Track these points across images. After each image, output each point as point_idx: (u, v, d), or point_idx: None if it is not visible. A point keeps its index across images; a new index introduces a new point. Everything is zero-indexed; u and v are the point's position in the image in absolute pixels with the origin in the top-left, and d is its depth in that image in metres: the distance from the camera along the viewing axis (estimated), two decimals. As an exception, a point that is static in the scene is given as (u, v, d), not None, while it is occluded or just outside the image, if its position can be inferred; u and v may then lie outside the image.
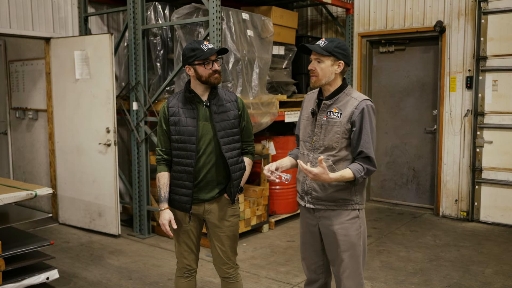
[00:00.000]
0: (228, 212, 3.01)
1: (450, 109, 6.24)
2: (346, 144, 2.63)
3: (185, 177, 2.91)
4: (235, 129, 2.98)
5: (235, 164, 2.97)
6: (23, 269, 3.96)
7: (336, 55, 2.60)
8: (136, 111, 5.47)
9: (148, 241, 5.41)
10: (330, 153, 2.64)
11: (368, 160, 2.59)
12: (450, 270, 4.50)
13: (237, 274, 3.14)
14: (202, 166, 2.91)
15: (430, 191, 6.72)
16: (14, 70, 6.62)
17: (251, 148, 3.11)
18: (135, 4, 5.29)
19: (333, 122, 2.63)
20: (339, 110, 2.63)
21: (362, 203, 2.74)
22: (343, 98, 2.65)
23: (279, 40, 5.84)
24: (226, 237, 3.02)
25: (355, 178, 2.55)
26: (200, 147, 2.90)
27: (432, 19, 6.27)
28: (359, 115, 2.58)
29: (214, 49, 2.86)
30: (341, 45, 2.64)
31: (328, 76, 2.63)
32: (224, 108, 2.95)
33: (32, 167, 6.55)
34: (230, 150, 2.94)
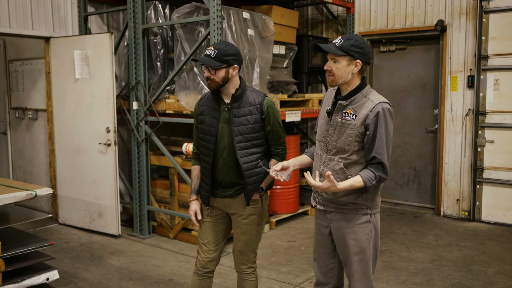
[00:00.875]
0: (247, 209, 3.00)
1: (451, 109, 6.21)
2: (359, 148, 2.54)
3: (205, 173, 3.01)
4: (254, 134, 2.94)
5: (252, 169, 2.94)
6: (23, 270, 3.94)
7: (352, 54, 2.50)
8: (136, 110, 5.45)
9: (148, 241, 5.39)
10: (342, 156, 2.57)
11: (381, 167, 2.50)
12: (452, 270, 4.48)
13: (251, 273, 3.12)
14: (221, 168, 2.96)
15: (431, 190, 6.70)
16: (14, 69, 6.60)
17: (280, 151, 3.04)
18: (135, 3, 5.27)
19: (347, 124, 2.55)
20: (354, 112, 2.54)
21: (375, 208, 2.65)
22: (359, 99, 2.56)
23: (280, 40, 5.82)
24: (242, 233, 3.03)
25: (366, 186, 2.48)
26: (219, 149, 2.95)
27: (433, 18, 6.25)
28: (373, 118, 2.48)
29: (203, 57, 2.85)
30: (359, 43, 2.52)
31: (345, 76, 2.54)
32: (246, 111, 2.92)
33: (32, 167, 6.52)
34: (247, 155, 2.93)
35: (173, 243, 5.32)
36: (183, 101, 5.02)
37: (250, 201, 2.98)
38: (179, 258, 4.85)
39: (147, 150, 5.51)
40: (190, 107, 4.94)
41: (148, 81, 5.45)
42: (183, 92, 5.09)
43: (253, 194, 2.96)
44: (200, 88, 4.97)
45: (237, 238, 3.06)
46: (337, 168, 2.56)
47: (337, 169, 2.56)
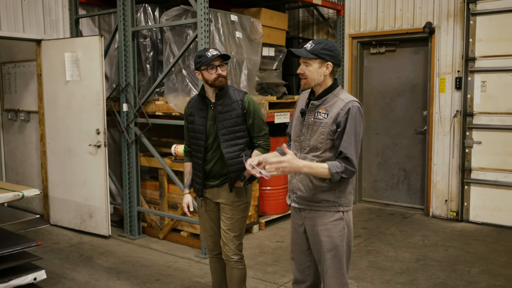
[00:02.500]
0: (231, 197, 3.31)
1: (440, 110, 6.27)
2: (331, 146, 2.63)
3: (197, 168, 3.36)
4: (237, 127, 3.27)
5: (234, 158, 3.25)
6: (10, 270, 3.98)
7: (323, 57, 2.61)
8: (126, 112, 5.51)
9: (138, 242, 5.44)
10: (315, 154, 2.66)
11: (347, 160, 2.58)
12: (436, 270, 4.53)
13: (238, 261, 3.37)
14: (210, 160, 3.31)
15: (420, 191, 6.76)
16: (7, 72, 6.65)
17: (261, 142, 3.33)
18: (125, 6, 5.32)
19: (319, 122, 2.65)
20: (326, 111, 2.64)
21: (348, 205, 2.73)
22: (331, 99, 2.66)
23: (269, 42, 5.87)
24: (227, 219, 3.33)
25: (331, 173, 2.55)
26: (208, 144, 3.31)
27: (422, 21, 6.31)
28: (344, 116, 2.58)
29: (215, 55, 3.14)
30: (328, 47, 2.63)
31: (317, 78, 2.64)
32: (229, 108, 3.26)
33: (24, 168, 6.57)
34: (230, 146, 3.25)
35: (162, 244, 5.37)
36: (172, 102, 5.07)
37: (234, 189, 3.27)
38: (168, 258, 4.90)
39: (137, 151, 5.56)
40: (178, 108, 5.00)
41: (138, 83, 5.51)
42: (172, 94, 5.14)
43: (235, 181, 3.24)
44: (188, 90, 5.02)
45: (223, 224, 3.35)
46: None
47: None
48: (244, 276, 3.43)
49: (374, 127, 7.11)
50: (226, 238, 3.34)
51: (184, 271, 4.53)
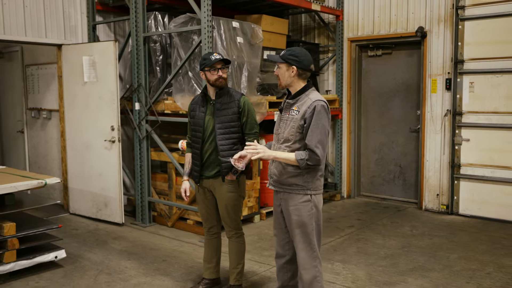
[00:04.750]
0: (224, 188, 3.76)
1: (432, 109, 6.66)
2: (300, 138, 3.12)
3: (195, 157, 3.82)
4: (233, 122, 3.72)
5: (227, 150, 3.69)
6: (34, 249, 4.53)
7: (288, 61, 3.11)
8: (138, 110, 6.02)
9: (148, 229, 5.95)
10: (287, 144, 3.17)
11: (310, 151, 3.05)
12: (418, 255, 4.95)
13: (239, 237, 3.90)
14: (206, 150, 3.76)
15: (415, 186, 7.15)
16: (30, 73, 7.23)
17: (252, 139, 3.77)
18: (137, 14, 5.84)
19: (291, 118, 3.15)
20: (298, 109, 3.14)
21: (315, 189, 3.19)
22: (303, 99, 3.15)
23: (270, 46, 6.34)
24: (224, 206, 3.80)
25: (296, 160, 3.02)
26: (205, 136, 3.75)
27: (415, 25, 6.71)
28: (310, 113, 3.06)
29: (218, 59, 3.66)
30: (295, 53, 3.12)
31: (286, 79, 3.16)
32: (227, 105, 3.72)
33: (46, 162, 7.15)
34: (224, 138, 3.70)
35: (170, 231, 5.87)
36: (179, 102, 5.57)
37: (227, 181, 3.74)
38: (174, 243, 5.40)
39: (148, 146, 6.07)
40: (185, 107, 5.49)
41: (148, 84, 6.02)
42: (179, 94, 5.64)
43: (227, 172, 3.71)
44: (193, 90, 5.51)
45: (220, 211, 3.86)
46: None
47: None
48: (243, 250, 3.94)
49: (371, 125, 7.52)
50: (224, 221, 3.87)
51: (188, 254, 5.03)
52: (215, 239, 4.01)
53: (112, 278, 4.38)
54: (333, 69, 7.68)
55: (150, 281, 4.32)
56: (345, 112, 7.50)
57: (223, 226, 3.94)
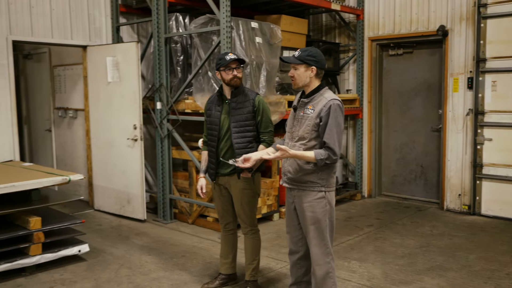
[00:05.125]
0: (239, 185, 3.84)
1: (453, 109, 6.60)
2: (315, 136, 3.17)
3: (211, 155, 3.91)
4: (248, 121, 3.80)
5: (242, 148, 3.76)
6: (59, 242, 4.70)
7: (308, 62, 3.16)
8: (159, 110, 6.16)
9: (170, 226, 6.08)
10: (302, 142, 3.21)
11: (330, 149, 3.10)
12: (436, 255, 4.92)
13: (254, 234, 3.97)
14: (222, 148, 3.84)
15: (436, 186, 7.09)
16: (57, 74, 7.47)
17: (266, 138, 3.86)
18: (159, 15, 5.97)
19: (307, 116, 3.20)
20: (313, 107, 3.19)
21: (329, 186, 3.24)
22: (317, 97, 3.21)
23: (290, 45, 6.39)
24: (239, 203, 3.88)
25: (316, 159, 3.06)
26: (221, 134, 3.84)
27: (436, 24, 6.66)
28: (326, 111, 3.12)
29: (232, 59, 3.74)
30: (312, 53, 3.18)
31: (304, 79, 3.20)
32: (242, 105, 3.80)
33: (72, 160, 7.37)
34: (240, 137, 3.78)
35: (190, 228, 5.99)
36: (199, 101, 5.68)
37: (243, 178, 3.81)
38: (194, 239, 5.51)
39: (169, 145, 6.20)
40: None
41: (170, 84, 6.15)
42: (199, 94, 5.75)
43: (242, 170, 3.76)
44: (213, 90, 5.61)
45: (235, 208, 3.94)
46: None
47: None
48: (258, 246, 4.01)
49: (392, 124, 7.49)
50: (240, 218, 3.95)
51: (207, 250, 5.13)
52: (232, 235, 4.09)
53: (133, 272, 4.51)
54: (353, 68, 7.68)
55: (168, 275, 4.44)
56: (366, 111, 7.48)
57: (239, 223, 4.02)
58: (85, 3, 6.44)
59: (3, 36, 5.70)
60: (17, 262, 4.33)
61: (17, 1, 5.80)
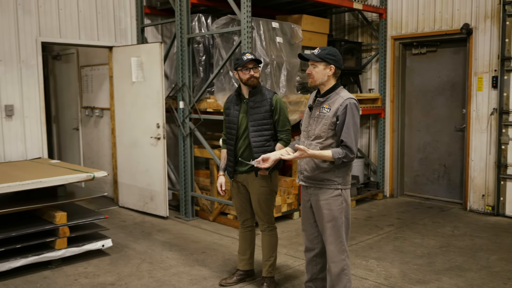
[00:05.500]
0: (257, 182, 3.92)
1: (477, 108, 6.51)
2: (332, 134, 3.21)
3: (230, 153, 3.99)
4: (265, 120, 3.86)
5: (260, 147, 3.85)
6: (83, 237, 4.86)
7: (327, 61, 3.20)
8: (182, 109, 6.28)
9: (191, 223, 6.20)
10: (318, 141, 3.25)
11: (347, 148, 3.14)
12: (456, 255, 4.89)
13: (271, 231, 4.04)
14: (240, 147, 3.93)
15: (460, 186, 7.00)
16: (85, 74, 7.69)
17: (284, 136, 3.93)
18: (182, 16, 6.09)
19: (323, 115, 3.23)
20: (329, 106, 3.23)
21: (345, 184, 3.28)
22: (333, 96, 3.25)
23: (311, 45, 6.42)
24: (257, 201, 3.95)
25: (334, 158, 3.10)
26: (239, 133, 3.92)
27: (460, 22, 6.58)
28: (342, 110, 3.15)
29: (249, 59, 3.81)
30: (332, 52, 3.22)
31: (322, 78, 3.24)
32: (259, 104, 3.87)
33: (98, 158, 7.57)
34: (257, 136, 3.86)
35: (211, 225, 6.09)
36: (220, 100, 5.77)
37: (260, 176, 3.89)
38: (214, 236, 5.61)
39: (191, 143, 6.32)
40: (226, 106, 5.68)
41: (192, 83, 6.26)
42: (221, 93, 5.84)
43: (260, 168, 3.74)
44: (234, 89, 5.67)
45: (253, 205, 4.01)
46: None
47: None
48: (275, 243, 4.07)
49: (415, 124, 7.43)
50: (257, 215, 4.02)
51: (226, 247, 5.21)
52: (249, 232, 4.17)
53: (154, 267, 4.63)
54: (376, 67, 7.65)
55: (188, 270, 4.54)
56: (388, 110, 7.45)
57: (257, 221, 4.08)
58: (111, 5, 6.62)
59: (32, 37, 5.91)
60: (43, 255, 4.50)
61: (46, 4, 6.01)
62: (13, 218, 4.74)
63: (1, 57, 5.69)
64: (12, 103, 5.80)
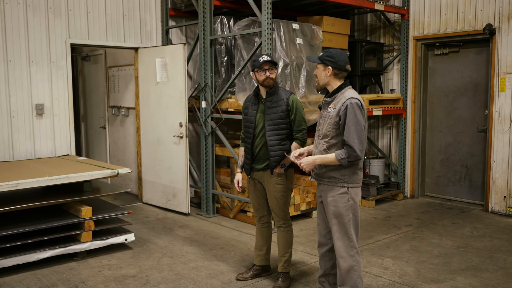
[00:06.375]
0: (273, 180, 4.03)
1: (500, 109, 6.46)
2: (336, 134, 3.32)
3: (247, 151, 4.12)
4: (282, 120, 3.96)
5: (276, 145, 3.96)
6: (107, 231, 5.07)
7: (325, 62, 3.32)
8: (204, 108, 6.44)
9: (212, 220, 6.35)
10: (325, 140, 3.37)
11: (349, 147, 3.23)
12: (473, 256, 4.89)
13: (287, 227, 4.14)
14: (257, 145, 4.06)
15: (481, 188, 6.95)
16: (112, 74, 7.94)
17: (299, 135, 4.03)
18: (205, 18, 6.25)
19: (328, 115, 3.35)
20: (334, 106, 3.33)
21: (352, 183, 3.36)
22: (338, 97, 3.35)
23: (331, 46, 6.48)
24: (273, 197, 4.07)
25: (338, 159, 3.22)
26: (256, 132, 4.05)
27: (483, 22, 6.54)
28: (344, 110, 3.25)
29: (265, 60, 3.95)
30: (331, 54, 3.34)
31: (323, 78, 3.38)
32: (276, 104, 3.98)
33: (124, 156, 7.81)
34: (274, 135, 3.96)
35: (231, 222, 6.23)
36: (241, 100, 5.90)
37: (276, 174, 4.00)
38: (233, 233, 5.74)
39: (213, 142, 6.47)
40: (246, 105, 5.81)
41: (214, 84, 6.42)
42: (242, 93, 5.97)
43: (276, 165, 3.98)
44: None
45: (269, 202, 4.13)
46: (322, 149, 3.36)
47: (321, 150, 3.36)
48: (290, 240, 4.17)
49: (437, 125, 7.41)
50: (273, 212, 4.14)
51: (245, 243, 5.34)
52: (266, 228, 4.28)
53: (174, 261, 4.80)
54: (397, 68, 7.66)
55: (207, 265, 4.68)
56: (410, 111, 7.45)
57: (274, 218, 4.19)
58: (137, 7, 6.84)
59: (62, 39, 6.17)
60: (69, 248, 4.72)
61: (75, 7, 6.26)
62: (42, 212, 4.98)
63: (33, 58, 5.96)
64: (42, 102, 6.07)
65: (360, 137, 3.22)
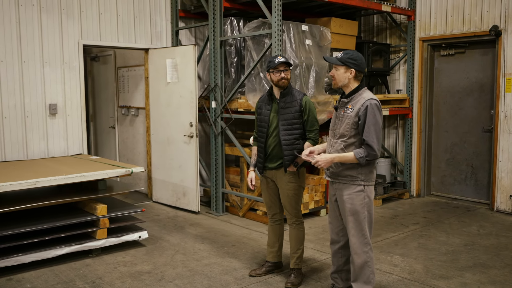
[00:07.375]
0: (285, 178, 4.13)
1: (505, 109, 6.55)
2: (355, 133, 3.42)
3: (260, 150, 4.21)
4: (295, 120, 4.06)
5: (289, 145, 4.07)
6: (122, 228, 5.17)
7: (348, 65, 3.40)
8: (214, 108, 6.54)
9: (221, 218, 6.45)
10: (343, 139, 3.46)
11: (369, 147, 3.33)
12: (480, 253, 4.98)
13: (299, 224, 4.24)
14: (270, 144, 4.14)
15: (487, 187, 7.04)
16: (121, 75, 8.05)
17: (312, 135, 4.12)
18: (215, 20, 6.35)
19: (347, 115, 3.45)
20: (352, 107, 3.43)
21: (368, 181, 3.47)
22: (356, 97, 3.45)
23: (339, 47, 6.59)
24: (285, 195, 4.17)
25: (356, 158, 3.31)
26: (270, 131, 4.14)
27: (489, 24, 6.63)
28: (363, 111, 3.35)
29: (281, 61, 4.05)
30: (353, 57, 3.42)
31: (343, 80, 3.45)
32: (290, 104, 4.08)
33: (133, 155, 7.92)
34: (287, 134, 4.06)
35: (241, 220, 6.33)
36: (251, 100, 6.00)
37: (289, 172, 4.10)
38: (244, 231, 5.84)
39: (223, 142, 6.57)
40: (256, 106, 5.91)
41: (224, 84, 6.52)
42: (251, 94, 6.07)
43: (289, 164, 4.08)
44: (264, 90, 5.91)
45: (281, 199, 4.22)
46: (339, 148, 3.45)
47: (339, 149, 3.45)
48: (302, 236, 4.27)
49: (443, 124, 7.50)
50: (286, 209, 4.24)
51: (255, 241, 5.44)
52: (278, 225, 4.38)
53: (187, 258, 4.90)
54: (404, 68, 7.75)
55: (220, 262, 4.79)
56: (416, 111, 7.54)
57: (286, 216, 4.29)
58: (147, 9, 6.94)
59: (75, 40, 6.28)
60: (85, 244, 4.82)
61: (88, 9, 6.36)
62: (58, 209, 5.09)
63: (46, 59, 6.07)
64: (55, 102, 6.17)
65: (378, 136, 3.33)
